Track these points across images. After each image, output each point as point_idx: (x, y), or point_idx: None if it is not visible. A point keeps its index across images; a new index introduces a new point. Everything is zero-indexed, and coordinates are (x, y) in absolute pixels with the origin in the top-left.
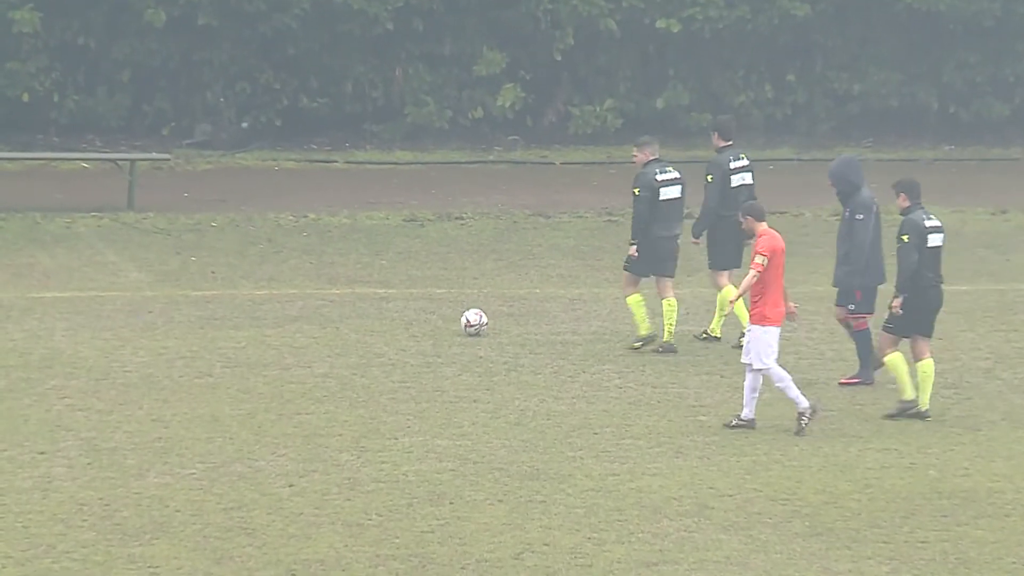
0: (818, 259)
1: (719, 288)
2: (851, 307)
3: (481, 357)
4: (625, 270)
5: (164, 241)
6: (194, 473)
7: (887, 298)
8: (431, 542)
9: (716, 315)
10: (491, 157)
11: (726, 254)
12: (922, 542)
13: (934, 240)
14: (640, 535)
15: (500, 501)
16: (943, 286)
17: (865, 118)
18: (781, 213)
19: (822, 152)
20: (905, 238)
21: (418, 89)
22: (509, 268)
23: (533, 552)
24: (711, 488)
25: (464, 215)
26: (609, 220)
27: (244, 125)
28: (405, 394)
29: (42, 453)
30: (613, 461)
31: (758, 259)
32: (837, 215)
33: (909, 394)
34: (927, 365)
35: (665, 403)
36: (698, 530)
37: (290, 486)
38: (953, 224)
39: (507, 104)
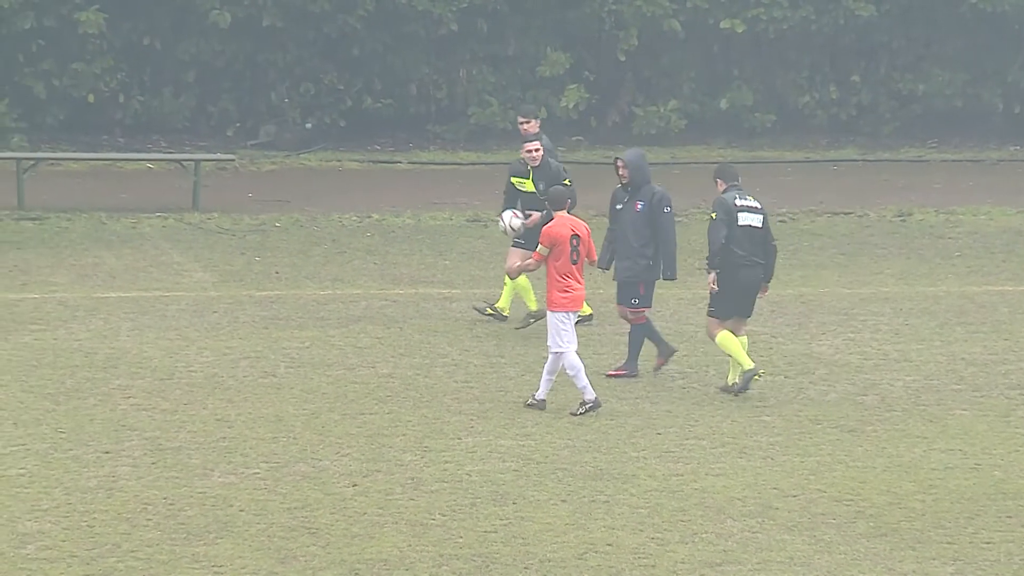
0: (883, 260)
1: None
2: (634, 300)
3: (545, 357)
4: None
5: (228, 241)
6: (258, 473)
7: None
8: (494, 542)
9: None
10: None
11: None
12: (987, 543)
13: (745, 219)
14: (704, 535)
15: (563, 501)
16: (761, 266)
17: (929, 119)
18: (846, 214)
19: (887, 153)
20: (713, 215)
21: (482, 90)
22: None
23: (596, 552)
24: (775, 488)
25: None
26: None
27: (308, 126)
28: (468, 394)
29: (107, 452)
30: (676, 461)
31: (539, 248)
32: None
33: (748, 363)
34: (742, 340)
35: (729, 404)
36: (762, 531)
37: (354, 486)
38: (1017, 225)
39: (571, 105)
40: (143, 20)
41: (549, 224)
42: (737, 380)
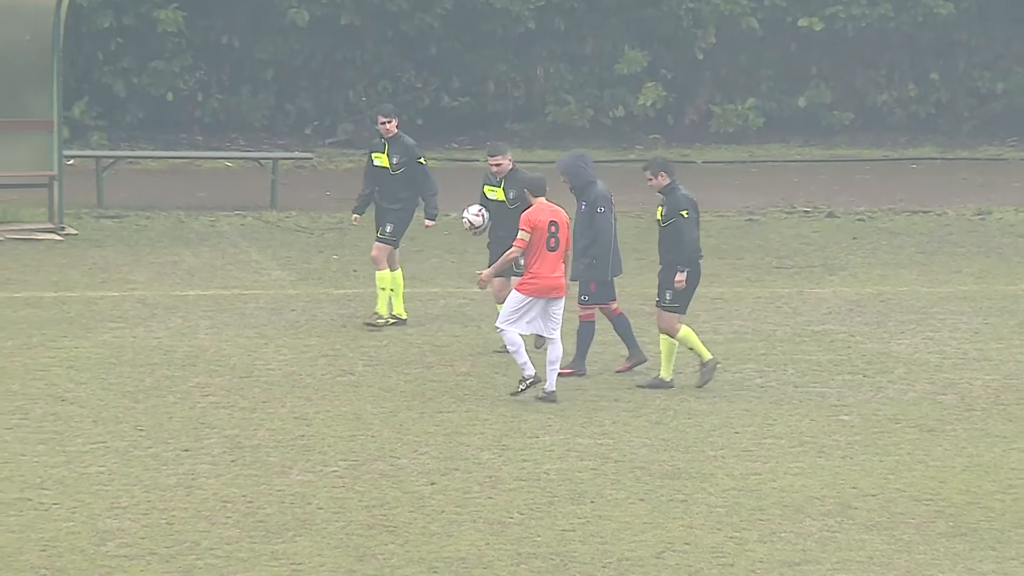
0: (962, 258)
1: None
2: (584, 298)
3: (623, 355)
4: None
5: (306, 239)
6: (336, 471)
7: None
8: (572, 540)
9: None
10: (632, 156)
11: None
12: None
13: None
14: (782, 534)
15: (641, 500)
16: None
17: (1009, 116)
18: (924, 212)
19: (966, 151)
20: (684, 213)
21: (559, 88)
22: (649, 267)
23: (675, 551)
24: (854, 488)
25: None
26: (750, 219)
27: None
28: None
29: (186, 450)
30: (755, 460)
31: (520, 234)
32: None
33: (707, 354)
34: (687, 332)
35: (807, 403)
36: (840, 530)
37: (432, 484)
38: None
39: (648, 103)
40: (222, 18)
41: (529, 210)
42: (699, 374)
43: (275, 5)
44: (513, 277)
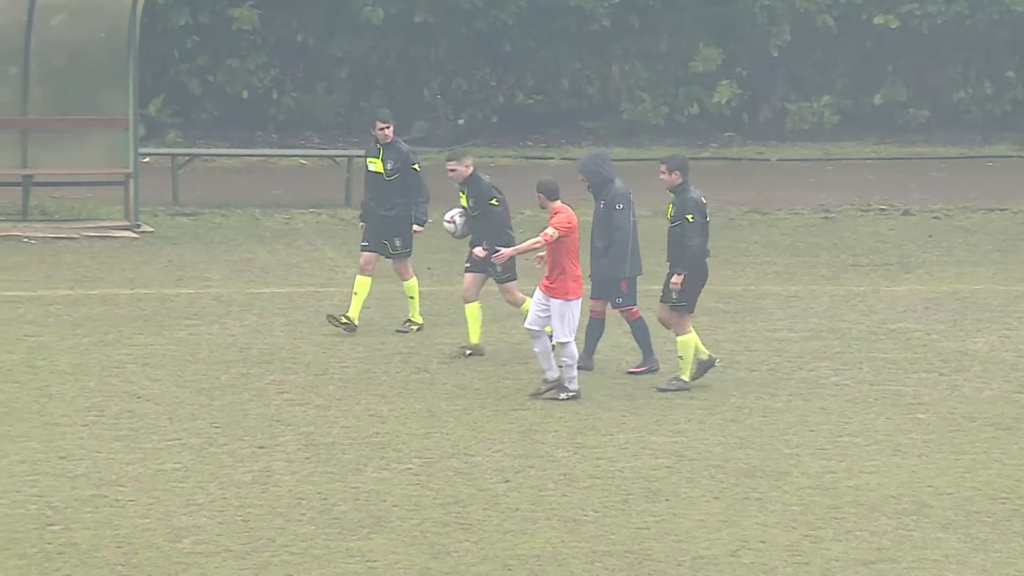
0: None
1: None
2: (618, 300)
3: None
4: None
5: None
6: (411, 468)
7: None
8: (647, 538)
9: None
10: (707, 154)
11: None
12: None
13: (707, 215)
14: (858, 533)
15: (716, 498)
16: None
17: None
18: (1001, 210)
19: None
20: (690, 217)
21: (634, 85)
22: (725, 265)
23: (750, 549)
24: (929, 486)
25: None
26: (825, 217)
27: (460, 122)
28: (620, 390)
29: (261, 447)
30: (830, 459)
31: (549, 231)
32: None
33: (687, 373)
34: (690, 340)
35: (882, 401)
36: (916, 528)
37: (506, 481)
38: None
39: (723, 100)
40: (296, 16)
41: (563, 213)
42: (692, 369)
43: (350, 3)
44: (506, 283)
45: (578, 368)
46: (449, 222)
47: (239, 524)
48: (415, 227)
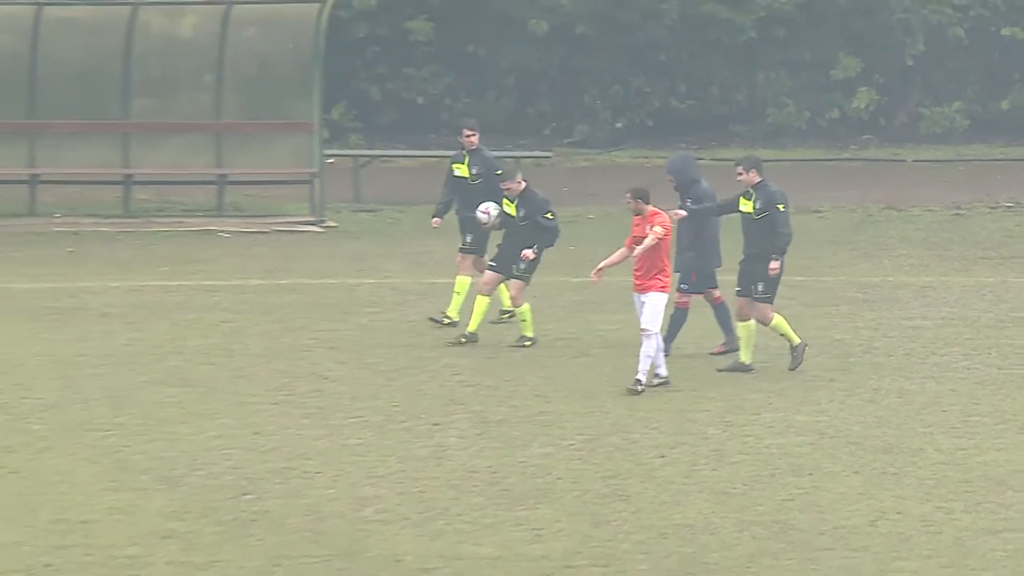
0: None
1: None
2: (683, 286)
3: (837, 340)
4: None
5: None
6: (574, 444)
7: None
8: (792, 510)
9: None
10: (846, 155)
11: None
12: None
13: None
14: (986, 505)
15: (856, 472)
16: None
17: None
18: None
19: None
20: (781, 207)
21: (779, 92)
22: (863, 257)
23: (886, 520)
24: None
25: (822, 208)
26: (957, 214)
27: (618, 125)
28: (766, 374)
29: (436, 425)
30: (961, 436)
31: (657, 229)
32: None
33: (796, 339)
34: (753, 325)
35: (1010, 383)
36: None
37: (662, 457)
38: None
39: (861, 106)
40: (468, 29)
41: (660, 215)
42: (741, 361)
43: (517, 16)
44: (513, 280)
45: (728, 350)
46: (483, 212)
47: (416, 495)
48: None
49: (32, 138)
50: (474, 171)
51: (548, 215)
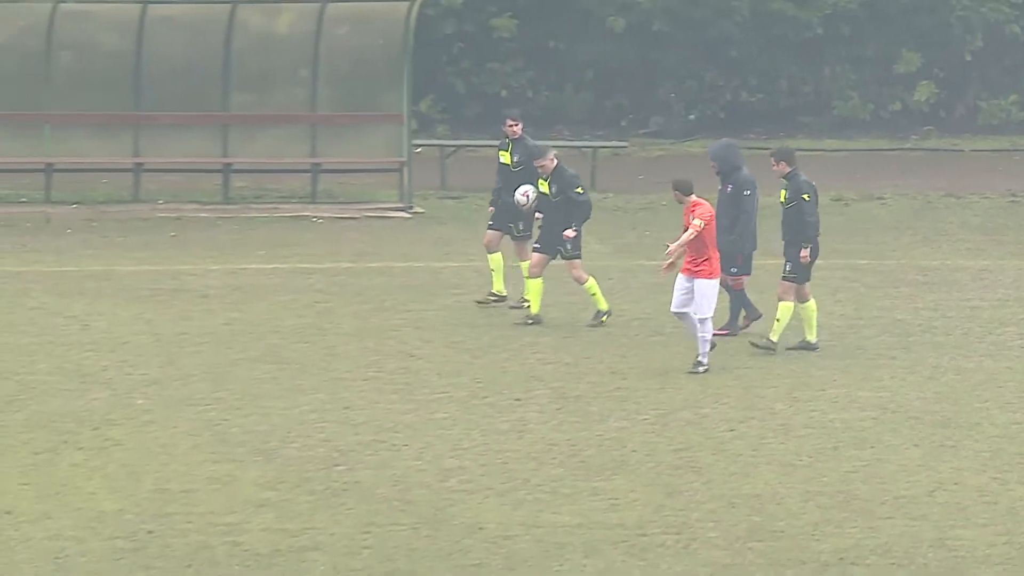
0: None
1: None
2: (733, 270)
3: (899, 320)
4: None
5: (621, 218)
6: (648, 419)
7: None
8: (854, 481)
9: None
10: (908, 145)
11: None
12: None
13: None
14: None
15: (915, 446)
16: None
17: None
18: None
19: None
20: (806, 197)
21: (844, 85)
22: (923, 242)
23: (945, 490)
24: None
25: (884, 196)
26: (1013, 201)
27: (691, 117)
28: (831, 352)
29: (517, 400)
30: (1016, 411)
31: (697, 222)
32: None
33: (814, 338)
34: (812, 305)
35: None
36: None
37: (731, 430)
38: None
39: (922, 98)
40: (549, 25)
41: (700, 206)
42: (807, 340)
43: (596, 14)
44: (572, 260)
45: (729, 334)
46: (522, 195)
47: (498, 466)
48: (537, 215)
49: (137, 129)
50: (516, 158)
51: (579, 190)
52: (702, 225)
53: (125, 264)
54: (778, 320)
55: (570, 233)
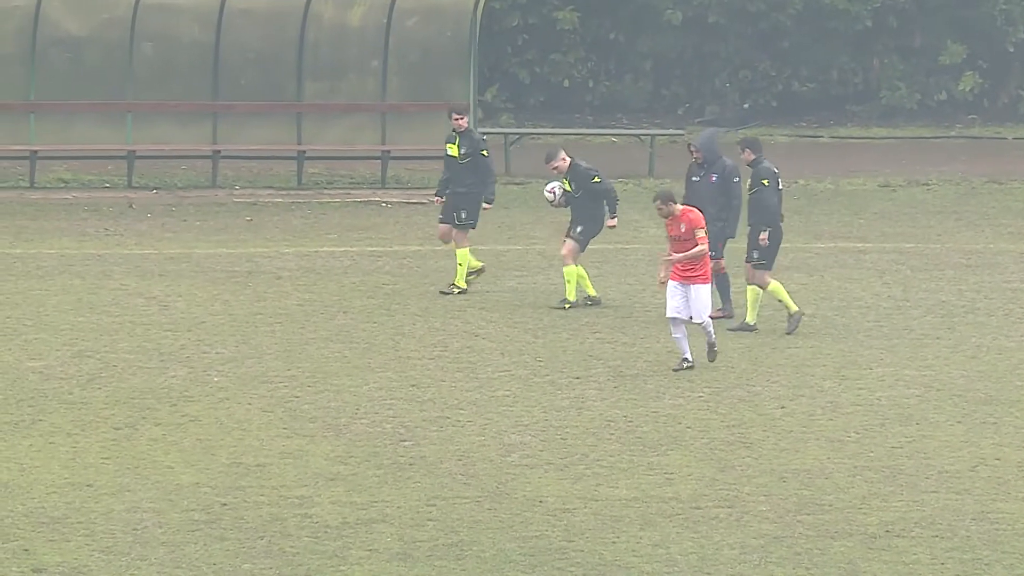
0: None
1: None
2: (712, 254)
3: (943, 301)
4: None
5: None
6: (702, 396)
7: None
8: (900, 456)
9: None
10: (952, 133)
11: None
12: None
13: (780, 184)
14: None
15: (959, 422)
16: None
17: None
18: None
19: None
20: (765, 183)
21: (892, 76)
22: (967, 227)
23: (986, 465)
24: None
25: (930, 181)
26: None
27: (745, 106)
28: (878, 332)
29: (577, 378)
30: None
31: (700, 232)
32: None
33: (793, 307)
34: (776, 286)
35: None
36: None
37: (782, 408)
38: None
39: (967, 88)
40: (609, 18)
41: (693, 212)
42: (787, 324)
43: (654, 6)
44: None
45: (724, 315)
46: (549, 192)
47: (558, 442)
48: (484, 204)
49: (215, 117)
50: (463, 151)
51: (596, 179)
52: (704, 236)
53: (203, 247)
54: (783, 299)
55: (611, 223)
